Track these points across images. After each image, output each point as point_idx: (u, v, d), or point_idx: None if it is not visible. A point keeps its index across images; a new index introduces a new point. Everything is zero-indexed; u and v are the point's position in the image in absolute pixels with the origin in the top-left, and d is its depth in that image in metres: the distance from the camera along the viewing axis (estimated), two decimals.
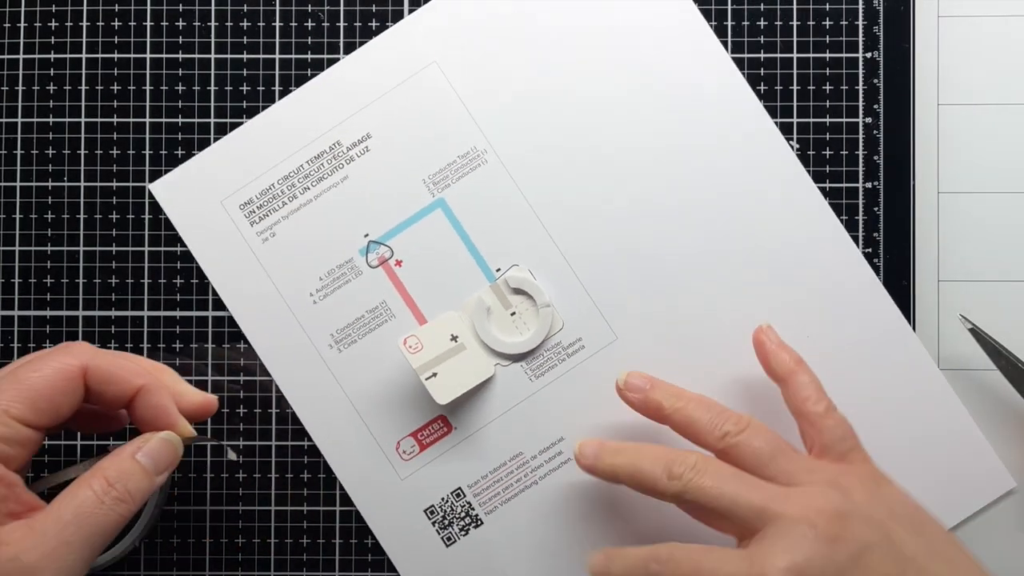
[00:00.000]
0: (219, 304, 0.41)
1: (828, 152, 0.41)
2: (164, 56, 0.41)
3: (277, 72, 0.41)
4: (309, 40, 0.41)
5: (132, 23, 0.41)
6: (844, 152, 0.41)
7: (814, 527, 0.31)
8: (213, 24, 0.41)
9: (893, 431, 0.40)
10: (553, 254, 0.40)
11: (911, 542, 0.32)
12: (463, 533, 0.40)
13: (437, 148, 0.40)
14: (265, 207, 0.40)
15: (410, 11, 0.41)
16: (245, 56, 0.41)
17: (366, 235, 0.40)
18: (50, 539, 0.30)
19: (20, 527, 0.30)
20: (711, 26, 0.41)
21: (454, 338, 0.39)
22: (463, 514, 0.40)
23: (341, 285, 0.40)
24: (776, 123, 0.40)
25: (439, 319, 0.39)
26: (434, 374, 0.38)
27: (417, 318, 0.40)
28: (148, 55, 0.41)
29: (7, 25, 0.41)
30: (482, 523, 0.40)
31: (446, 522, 0.40)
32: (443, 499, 0.40)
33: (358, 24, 0.41)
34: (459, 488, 0.40)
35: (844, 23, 0.41)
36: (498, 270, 0.40)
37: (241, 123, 0.41)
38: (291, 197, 0.40)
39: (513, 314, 0.40)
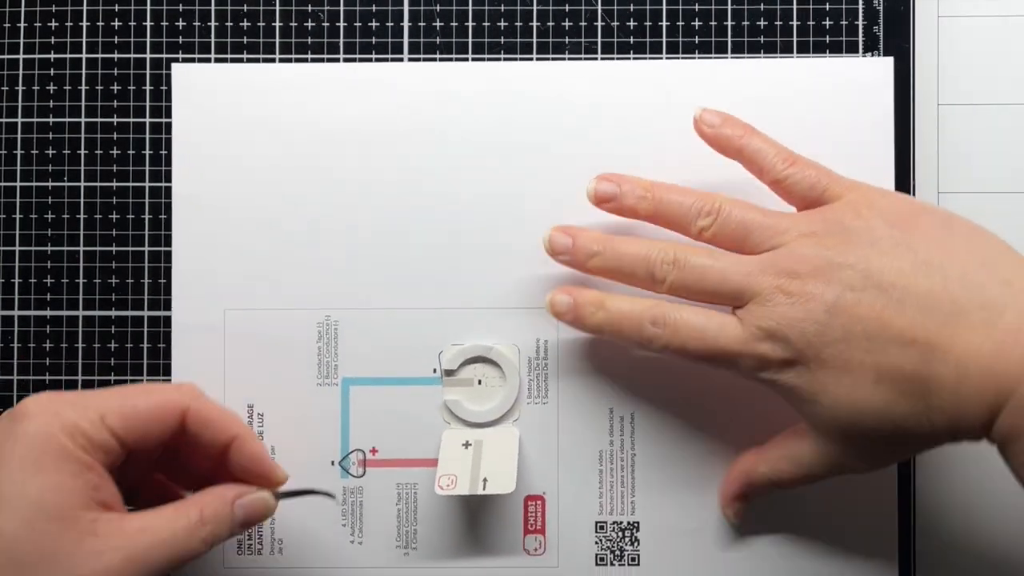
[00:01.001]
0: None
1: None
2: (164, 56, 0.41)
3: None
4: (309, 40, 0.41)
5: (132, 23, 0.41)
6: None
7: (785, 293, 0.33)
8: (213, 24, 0.41)
9: None
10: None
11: (891, 265, 0.32)
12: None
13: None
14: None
15: (410, 11, 0.41)
16: (245, 56, 0.41)
17: (332, 462, 0.40)
18: (136, 550, 0.30)
19: (113, 522, 0.31)
20: (711, 26, 0.41)
21: (467, 444, 0.39)
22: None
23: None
24: None
25: (442, 445, 0.39)
26: (485, 480, 0.37)
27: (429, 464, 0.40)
28: (148, 55, 0.41)
29: (7, 25, 0.41)
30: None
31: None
32: None
33: (358, 24, 0.41)
34: None
35: (844, 23, 0.41)
36: (434, 370, 0.40)
37: None
38: None
39: (479, 382, 0.40)
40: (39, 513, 0.29)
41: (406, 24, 0.42)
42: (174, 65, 0.40)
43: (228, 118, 0.40)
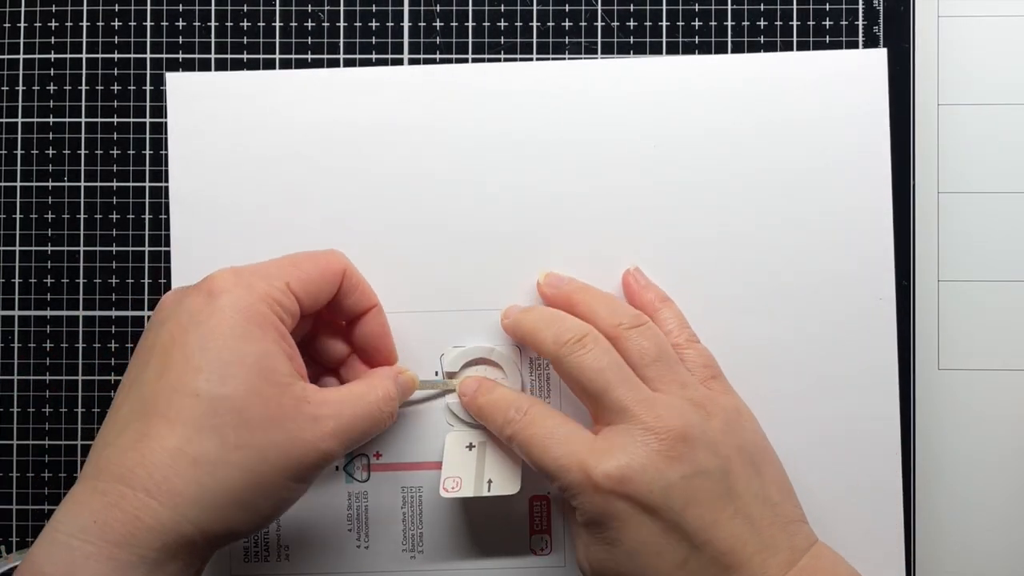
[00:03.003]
0: None
1: None
2: (164, 56, 0.41)
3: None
4: (309, 40, 0.41)
5: (132, 23, 0.41)
6: None
7: (660, 440, 0.33)
8: (213, 24, 0.41)
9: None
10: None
11: (745, 479, 0.34)
12: None
13: None
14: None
15: (410, 11, 0.41)
16: (245, 56, 0.41)
17: (336, 467, 0.40)
18: (345, 418, 0.33)
19: (319, 392, 0.33)
20: (711, 27, 0.41)
21: (471, 446, 0.39)
22: None
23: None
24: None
25: (446, 447, 0.39)
26: (489, 481, 0.37)
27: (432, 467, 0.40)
28: (148, 55, 0.41)
29: (7, 25, 0.41)
30: None
31: None
32: None
33: (358, 24, 0.41)
34: None
35: (844, 23, 0.41)
36: (436, 372, 0.40)
37: None
38: None
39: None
40: (260, 378, 0.31)
41: (406, 24, 0.42)
42: (168, 74, 0.40)
43: (224, 125, 0.40)
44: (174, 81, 0.40)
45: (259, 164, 0.40)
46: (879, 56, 0.40)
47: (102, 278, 0.41)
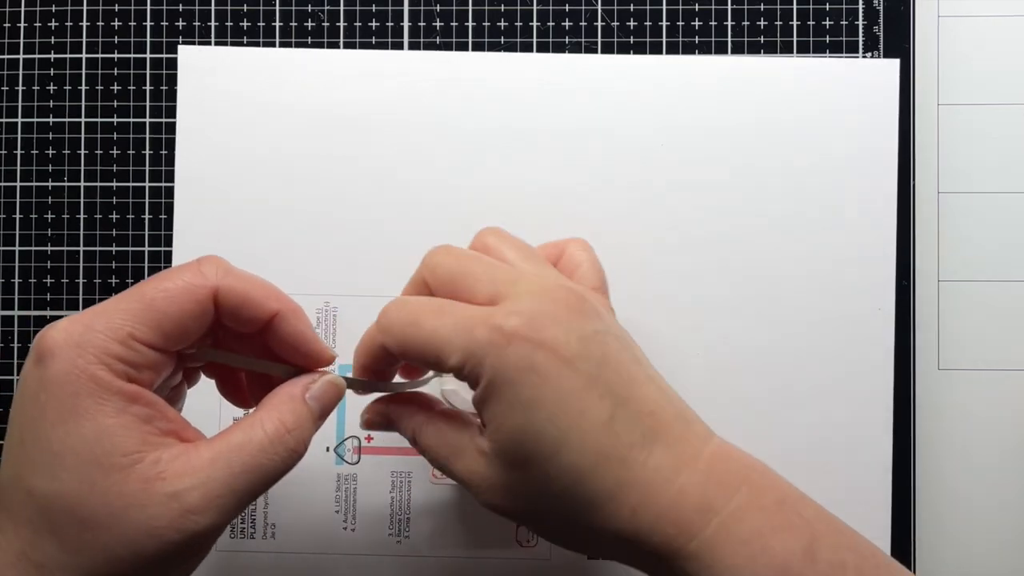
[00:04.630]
0: None
1: None
2: (164, 56, 0.41)
3: None
4: (309, 40, 0.41)
5: (132, 23, 0.41)
6: None
7: (565, 292, 0.29)
8: (213, 24, 0.41)
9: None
10: None
11: (641, 352, 0.31)
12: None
13: None
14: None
15: (410, 11, 0.41)
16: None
17: (327, 448, 0.40)
18: (215, 483, 0.27)
19: (179, 459, 0.27)
20: (711, 26, 0.41)
21: None
22: None
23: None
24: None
25: None
26: None
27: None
28: (148, 55, 0.41)
29: (7, 25, 0.41)
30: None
31: None
32: None
33: (358, 24, 0.41)
34: None
35: (844, 23, 0.41)
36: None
37: None
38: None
39: None
40: (94, 466, 0.26)
41: (406, 24, 0.41)
42: (180, 47, 0.41)
43: (232, 101, 0.40)
44: (185, 54, 0.40)
45: (265, 141, 0.40)
46: (891, 67, 0.40)
47: (102, 278, 0.41)
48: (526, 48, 0.41)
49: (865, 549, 0.29)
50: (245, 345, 0.32)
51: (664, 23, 0.41)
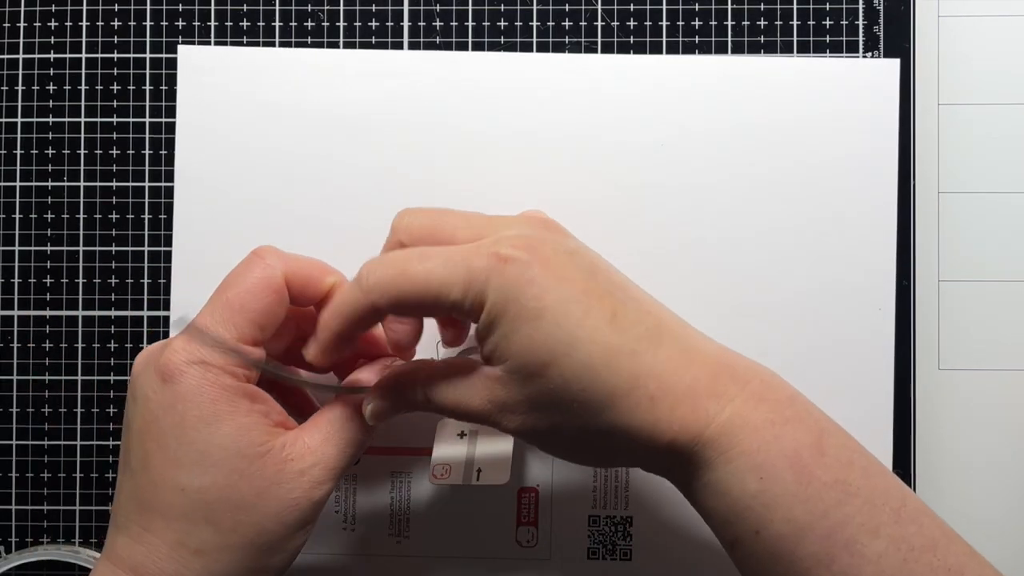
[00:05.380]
0: None
1: None
2: (164, 56, 0.41)
3: None
4: (309, 40, 0.41)
5: (132, 23, 0.41)
6: None
7: (539, 222, 0.32)
8: (213, 24, 0.41)
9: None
10: None
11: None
12: None
13: None
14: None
15: (410, 11, 0.41)
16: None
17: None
18: (330, 458, 0.32)
19: (297, 443, 0.32)
20: (711, 26, 0.41)
21: (462, 434, 0.38)
22: None
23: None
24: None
25: (437, 434, 0.38)
26: (479, 471, 0.37)
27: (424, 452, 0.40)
28: (148, 55, 0.41)
29: (7, 25, 0.41)
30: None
31: None
32: None
33: (358, 24, 0.41)
34: None
35: (844, 23, 0.41)
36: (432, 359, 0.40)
37: None
38: None
39: None
40: (239, 457, 0.30)
41: (406, 24, 0.41)
42: (180, 47, 0.41)
43: (232, 101, 0.40)
44: (185, 53, 0.40)
45: (265, 141, 0.40)
46: (891, 67, 0.40)
47: (102, 278, 0.41)
48: (526, 48, 0.41)
49: (869, 454, 0.30)
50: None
51: (664, 23, 0.41)
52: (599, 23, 0.41)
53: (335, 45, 0.41)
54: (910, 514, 0.29)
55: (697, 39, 0.41)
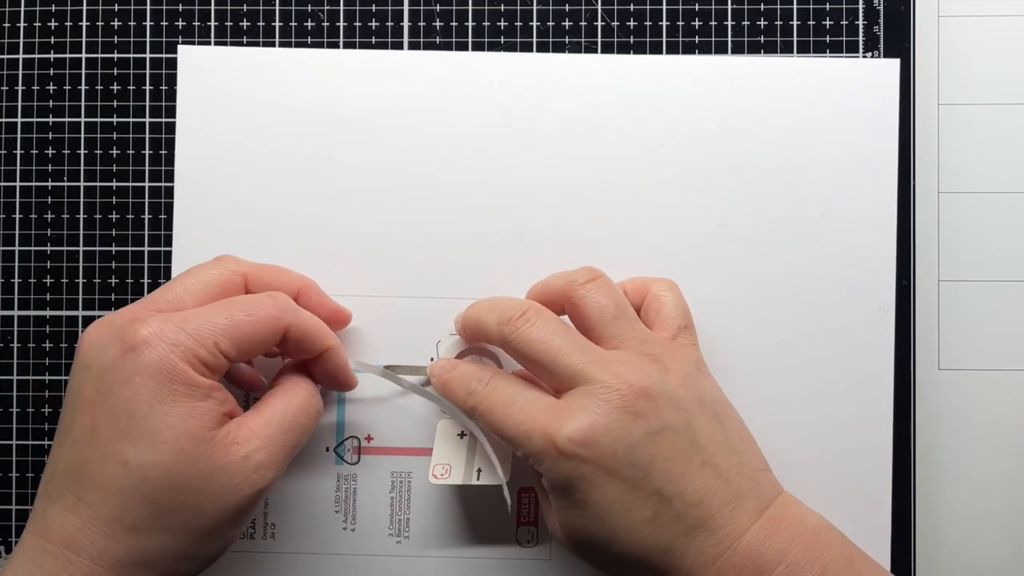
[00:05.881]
0: None
1: None
2: (164, 56, 0.41)
3: None
4: (309, 40, 0.41)
5: (132, 23, 0.41)
6: None
7: (622, 397, 0.32)
8: (213, 24, 0.41)
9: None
10: None
11: (709, 431, 0.34)
12: None
13: None
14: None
15: (410, 11, 0.41)
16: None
17: (327, 448, 0.40)
18: (273, 442, 0.33)
19: (242, 427, 0.33)
20: (711, 26, 0.41)
21: (462, 434, 0.38)
22: None
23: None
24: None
25: (437, 434, 0.38)
26: (479, 471, 0.37)
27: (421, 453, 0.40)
28: (148, 55, 0.41)
29: (7, 25, 0.41)
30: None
31: None
32: None
33: (358, 24, 0.41)
34: None
35: (844, 23, 0.41)
36: (432, 359, 0.40)
37: None
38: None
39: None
40: (188, 440, 0.31)
41: (406, 24, 0.42)
42: (180, 47, 0.41)
43: (232, 101, 0.40)
44: (185, 53, 0.40)
45: (265, 141, 0.40)
46: (891, 67, 0.40)
47: (102, 278, 0.41)
48: (526, 48, 0.41)
49: None
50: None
51: (664, 23, 0.41)
52: (599, 23, 0.41)
53: (335, 45, 0.41)
54: None
55: (697, 39, 0.41)
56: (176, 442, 0.31)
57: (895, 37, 0.41)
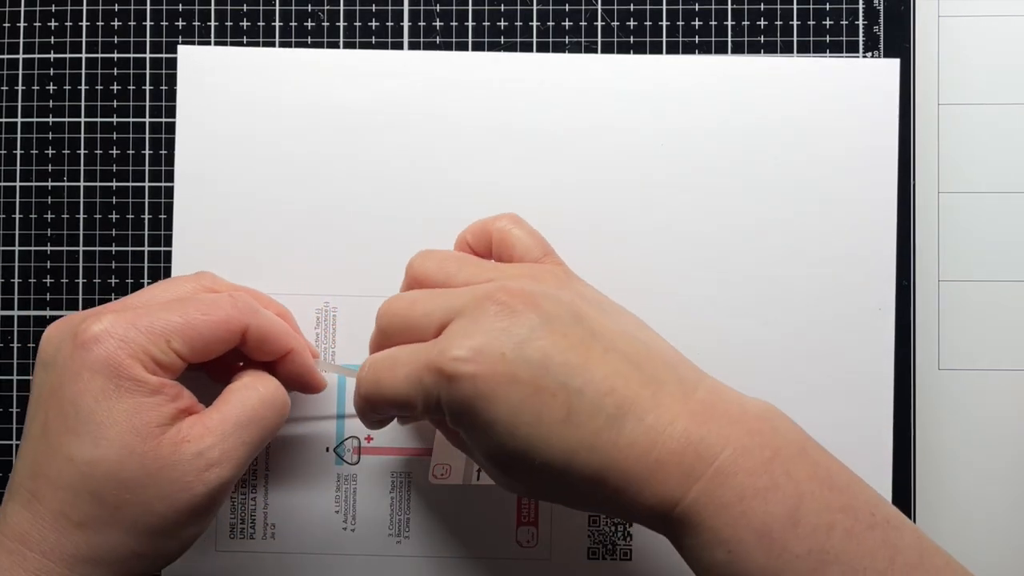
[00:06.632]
0: None
1: None
2: (164, 56, 0.41)
3: None
4: (309, 40, 0.41)
5: (132, 23, 0.41)
6: None
7: (496, 303, 0.30)
8: (213, 24, 0.41)
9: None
10: None
11: (602, 320, 0.31)
12: None
13: None
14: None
15: (410, 11, 0.41)
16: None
17: (327, 448, 0.40)
18: (230, 437, 0.32)
19: (196, 424, 0.32)
20: (711, 26, 0.41)
21: None
22: None
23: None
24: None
25: (437, 434, 0.38)
26: (478, 471, 0.37)
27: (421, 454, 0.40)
28: (148, 55, 0.41)
29: (7, 25, 0.41)
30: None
31: None
32: None
33: (358, 24, 0.41)
34: None
35: (844, 23, 0.41)
36: None
37: None
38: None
39: None
40: (133, 436, 0.31)
41: (406, 24, 0.42)
42: (180, 47, 0.41)
43: (232, 101, 0.40)
44: (185, 53, 0.40)
45: (265, 141, 0.40)
46: (891, 66, 0.40)
47: (102, 278, 0.41)
48: (526, 48, 0.41)
49: (861, 508, 0.29)
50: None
51: (664, 23, 0.41)
52: (599, 23, 0.41)
53: (335, 45, 0.41)
54: (899, 571, 0.28)
55: (697, 39, 0.41)
56: (121, 438, 0.30)
57: (895, 37, 0.41)
